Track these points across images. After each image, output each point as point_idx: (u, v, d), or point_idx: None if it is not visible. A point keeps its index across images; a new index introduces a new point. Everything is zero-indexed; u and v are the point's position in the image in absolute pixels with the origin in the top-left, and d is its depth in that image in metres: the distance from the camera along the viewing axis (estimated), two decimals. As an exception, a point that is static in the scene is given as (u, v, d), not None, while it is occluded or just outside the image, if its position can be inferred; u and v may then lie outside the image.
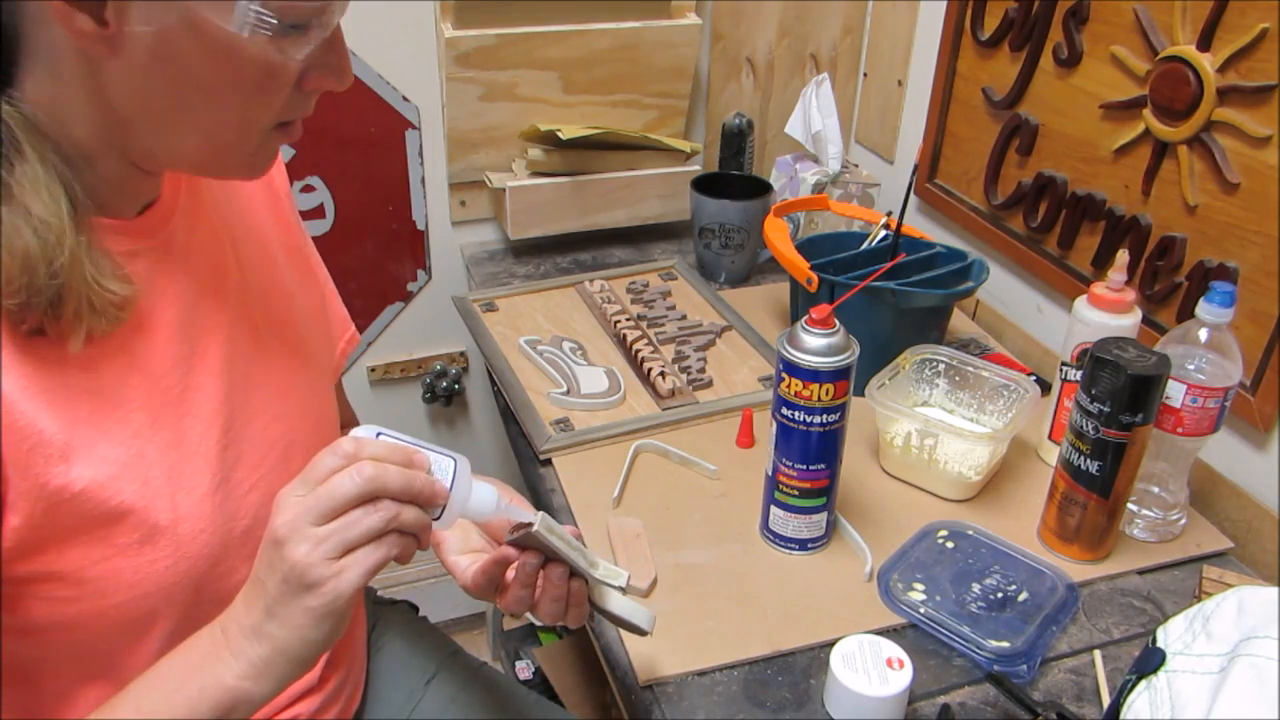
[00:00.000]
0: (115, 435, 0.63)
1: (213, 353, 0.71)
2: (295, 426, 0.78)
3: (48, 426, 0.59)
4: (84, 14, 0.54)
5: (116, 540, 0.63)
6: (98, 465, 0.62)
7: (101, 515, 0.62)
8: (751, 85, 1.60)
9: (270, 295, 0.80)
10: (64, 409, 0.61)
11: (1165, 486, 0.98)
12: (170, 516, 0.66)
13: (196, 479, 0.68)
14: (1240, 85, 0.95)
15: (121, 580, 0.64)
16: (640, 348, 1.22)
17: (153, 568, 0.65)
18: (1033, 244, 1.27)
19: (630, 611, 0.74)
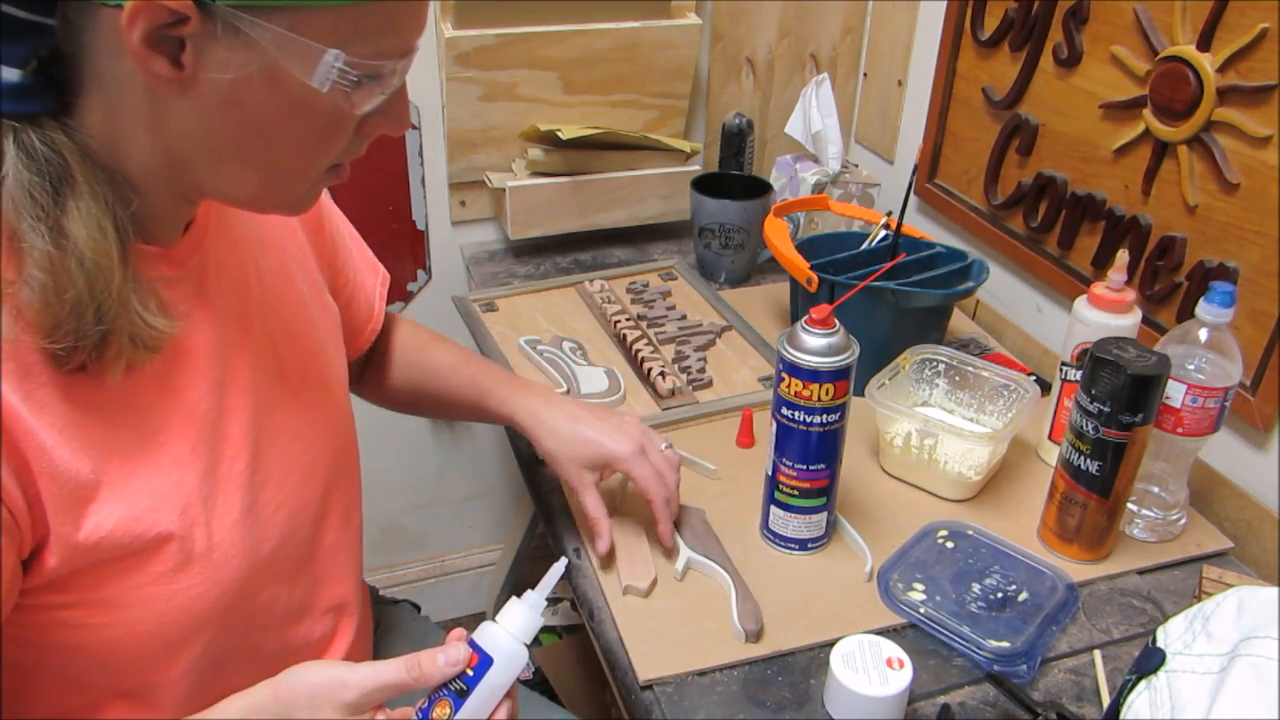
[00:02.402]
0: (154, 464, 0.63)
1: (242, 375, 0.71)
2: (315, 443, 0.78)
3: (83, 468, 0.59)
4: (161, 57, 0.53)
5: (152, 568, 0.63)
6: (133, 499, 0.62)
7: (139, 546, 0.62)
8: (751, 85, 1.60)
9: (288, 308, 0.80)
10: (101, 445, 0.60)
11: (1165, 486, 0.98)
12: (205, 543, 0.66)
13: (229, 504, 0.68)
14: (1240, 85, 0.95)
15: (154, 607, 0.64)
16: (640, 348, 1.22)
17: (186, 594, 0.65)
18: (1033, 244, 1.27)
19: None
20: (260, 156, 0.61)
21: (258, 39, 0.54)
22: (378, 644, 0.99)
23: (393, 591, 1.35)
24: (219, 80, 0.55)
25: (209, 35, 0.53)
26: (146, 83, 0.55)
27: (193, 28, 0.52)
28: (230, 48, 0.54)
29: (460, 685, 0.61)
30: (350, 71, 0.56)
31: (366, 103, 0.59)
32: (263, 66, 0.55)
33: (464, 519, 1.87)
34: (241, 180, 0.62)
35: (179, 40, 0.53)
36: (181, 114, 0.57)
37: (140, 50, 0.53)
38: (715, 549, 0.93)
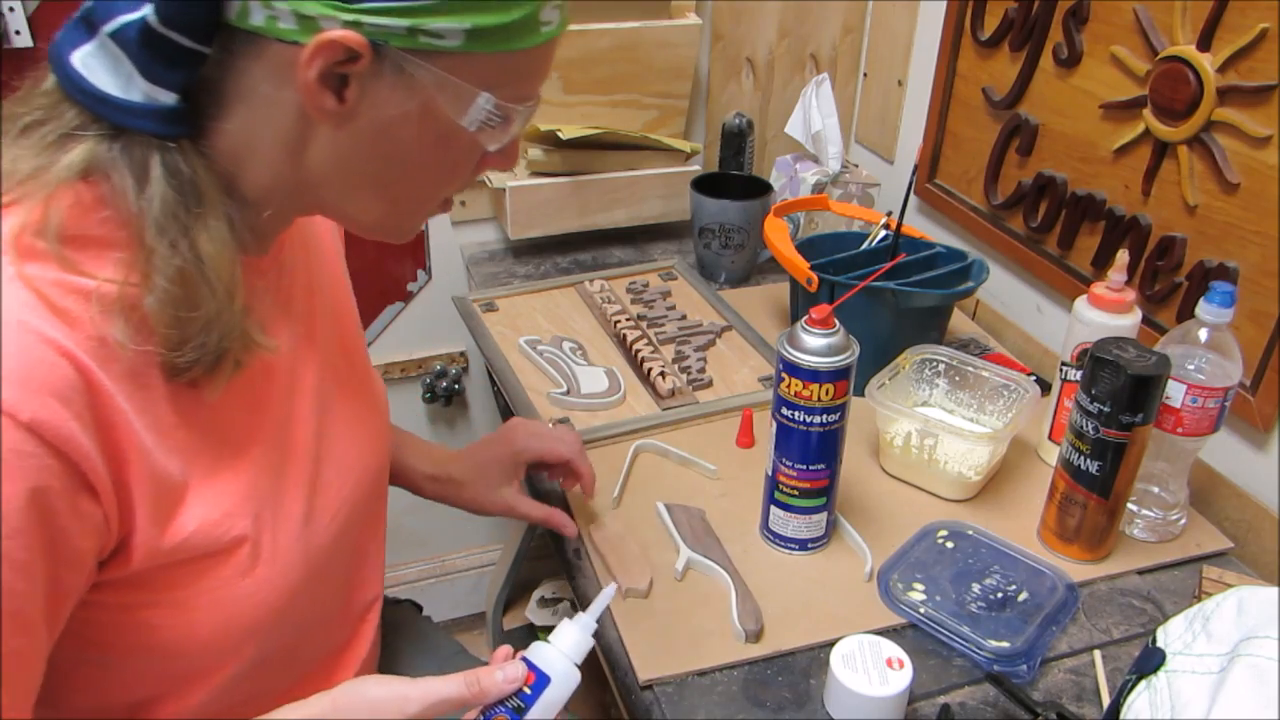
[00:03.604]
0: (234, 468, 0.64)
1: (308, 381, 0.72)
2: (365, 451, 0.78)
3: (174, 470, 0.60)
4: (329, 91, 0.56)
5: (224, 571, 0.64)
6: (214, 502, 0.62)
7: (216, 549, 0.63)
8: (751, 85, 1.60)
9: (343, 315, 0.81)
10: (189, 448, 0.61)
11: (1165, 486, 0.98)
12: (271, 548, 0.66)
13: (291, 511, 0.68)
14: (1240, 85, 0.95)
15: (220, 609, 0.64)
16: (640, 348, 1.22)
17: (250, 598, 0.65)
18: (1033, 244, 1.27)
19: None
20: (393, 186, 0.64)
21: (420, 79, 0.57)
22: (383, 641, 0.99)
23: (393, 591, 1.35)
24: (377, 116, 0.58)
25: (375, 74, 0.56)
26: (303, 113, 0.58)
27: (362, 66, 0.55)
28: (393, 86, 0.57)
29: (517, 703, 0.63)
30: (496, 113, 0.60)
31: (496, 141, 0.63)
32: (419, 105, 0.58)
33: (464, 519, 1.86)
34: (368, 207, 0.65)
35: (345, 76, 0.56)
36: (328, 142, 0.60)
37: (312, 85, 0.55)
38: (715, 549, 0.93)
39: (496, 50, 0.58)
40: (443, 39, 0.56)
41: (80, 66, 0.55)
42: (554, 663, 0.64)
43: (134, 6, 0.53)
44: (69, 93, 0.56)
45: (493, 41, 0.57)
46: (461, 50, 0.56)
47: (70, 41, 0.56)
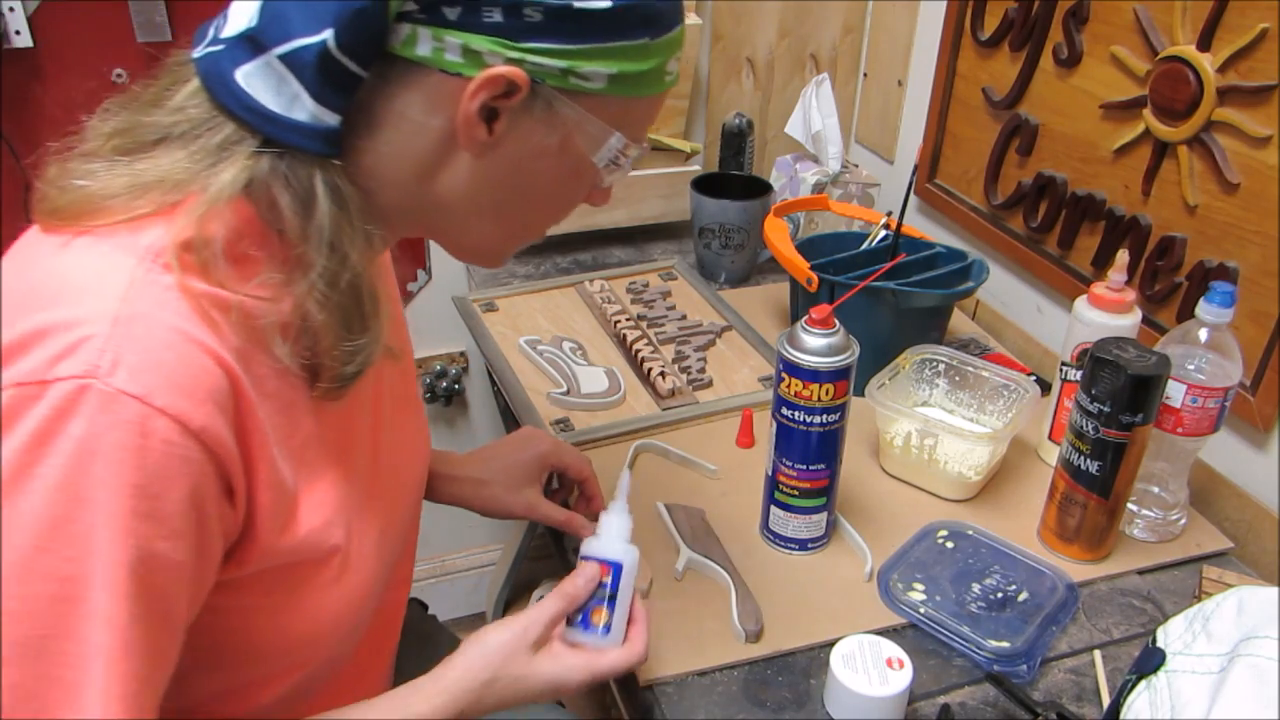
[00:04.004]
0: (330, 479, 0.65)
1: (381, 390, 0.74)
2: (416, 463, 0.81)
3: (289, 478, 0.61)
4: (483, 123, 0.59)
5: (318, 580, 0.65)
6: (318, 510, 0.63)
7: (316, 557, 0.64)
8: (751, 85, 1.60)
9: (397, 329, 0.82)
10: (299, 456, 0.62)
11: (1165, 486, 0.98)
12: (358, 558, 0.67)
13: (371, 519, 0.69)
14: (1240, 85, 0.95)
15: (309, 615, 0.65)
16: (640, 348, 1.22)
17: (336, 604, 0.67)
18: (1033, 244, 1.27)
19: None
20: (514, 215, 0.67)
21: (563, 117, 0.61)
22: None
23: (393, 591, 1.35)
24: (518, 147, 0.61)
25: (526, 109, 0.60)
26: (446, 139, 0.60)
27: (515, 100, 0.59)
28: (538, 121, 0.61)
29: (605, 593, 0.73)
30: (623, 153, 0.65)
31: (612, 178, 0.68)
32: (559, 141, 0.62)
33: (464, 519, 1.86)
34: (484, 233, 0.68)
35: (495, 109, 0.59)
36: (464, 170, 0.62)
37: (472, 116, 0.58)
38: (715, 549, 0.93)
39: (630, 95, 0.62)
40: (589, 81, 0.60)
41: (244, 83, 0.57)
42: (614, 548, 0.75)
43: (311, 31, 0.55)
44: (230, 108, 0.57)
45: (629, 86, 0.61)
46: (602, 93, 0.60)
47: (232, 59, 0.57)
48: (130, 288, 0.53)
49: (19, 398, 0.50)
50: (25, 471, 0.49)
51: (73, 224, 0.57)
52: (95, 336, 0.51)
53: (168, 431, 0.51)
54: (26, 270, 0.56)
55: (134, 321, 0.52)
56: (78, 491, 0.50)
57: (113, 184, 0.57)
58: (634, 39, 0.59)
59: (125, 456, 0.50)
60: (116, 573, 0.50)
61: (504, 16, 0.56)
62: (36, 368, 0.50)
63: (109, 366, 0.50)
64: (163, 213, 0.56)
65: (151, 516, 0.51)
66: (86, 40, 1.26)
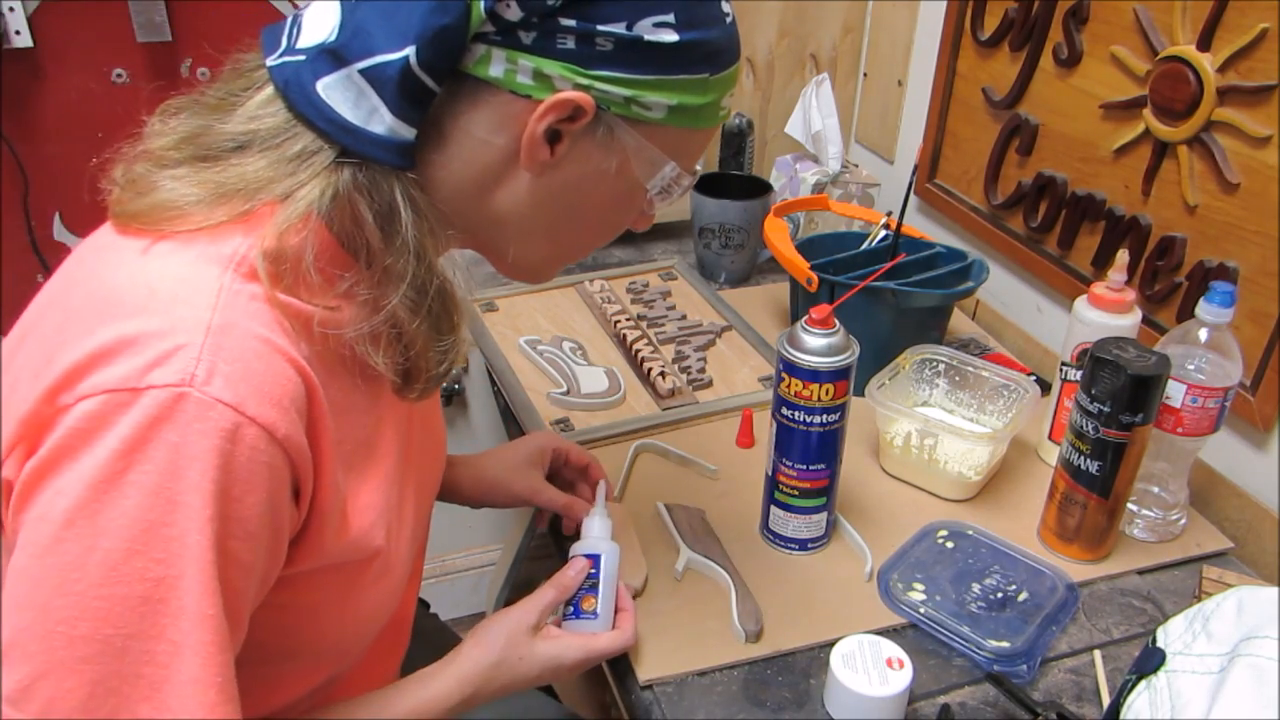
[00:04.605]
0: (374, 483, 0.65)
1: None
2: (436, 463, 0.81)
3: (341, 481, 0.62)
4: (546, 145, 0.61)
5: (360, 580, 0.66)
6: (363, 512, 0.64)
7: (360, 557, 0.65)
8: (751, 85, 1.60)
9: None
10: (347, 458, 0.63)
11: (1165, 486, 0.98)
12: (395, 559, 0.68)
13: (404, 519, 0.70)
14: (1240, 85, 0.95)
15: (347, 613, 0.67)
16: (640, 348, 1.22)
17: (372, 603, 0.68)
18: (1033, 244, 1.27)
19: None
20: (564, 235, 0.69)
21: (622, 142, 0.63)
22: None
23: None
24: (577, 170, 0.63)
25: (589, 133, 0.62)
26: (514, 160, 0.62)
27: (579, 124, 0.61)
28: (599, 145, 0.63)
29: (591, 581, 0.80)
30: (676, 182, 0.67)
31: (661, 205, 0.69)
32: (617, 165, 0.64)
33: (464, 519, 1.86)
34: (534, 250, 0.69)
35: (559, 132, 0.61)
36: (523, 188, 0.64)
37: (537, 138, 0.60)
38: (715, 549, 0.93)
39: (686, 126, 0.64)
40: (650, 110, 0.62)
41: (325, 95, 0.58)
42: (598, 545, 0.82)
43: (394, 48, 0.56)
44: (310, 118, 0.58)
45: (687, 118, 0.63)
46: (661, 123, 0.63)
47: (314, 71, 0.58)
48: (220, 296, 0.54)
49: (111, 404, 0.51)
50: (119, 477, 0.50)
51: (152, 228, 0.57)
52: (189, 345, 0.52)
53: (256, 439, 0.53)
54: (108, 274, 0.57)
55: (226, 331, 0.53)
56: (172, 496, 0.51)
57: (194, 190, 0.57)
58: (695, 73, 0.62)
59: (217, 461, 0.51)
60: (205, 573, 0.52)
61: (577, 44, 0.58)
62: (129, 374, 0.51)
63: (205, 375, 0.51)
64: (241, 220, 0.57)
65: (232, 518, 0.53)
66: (86, 40, 1.26)
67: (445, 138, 0.61)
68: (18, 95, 1.26)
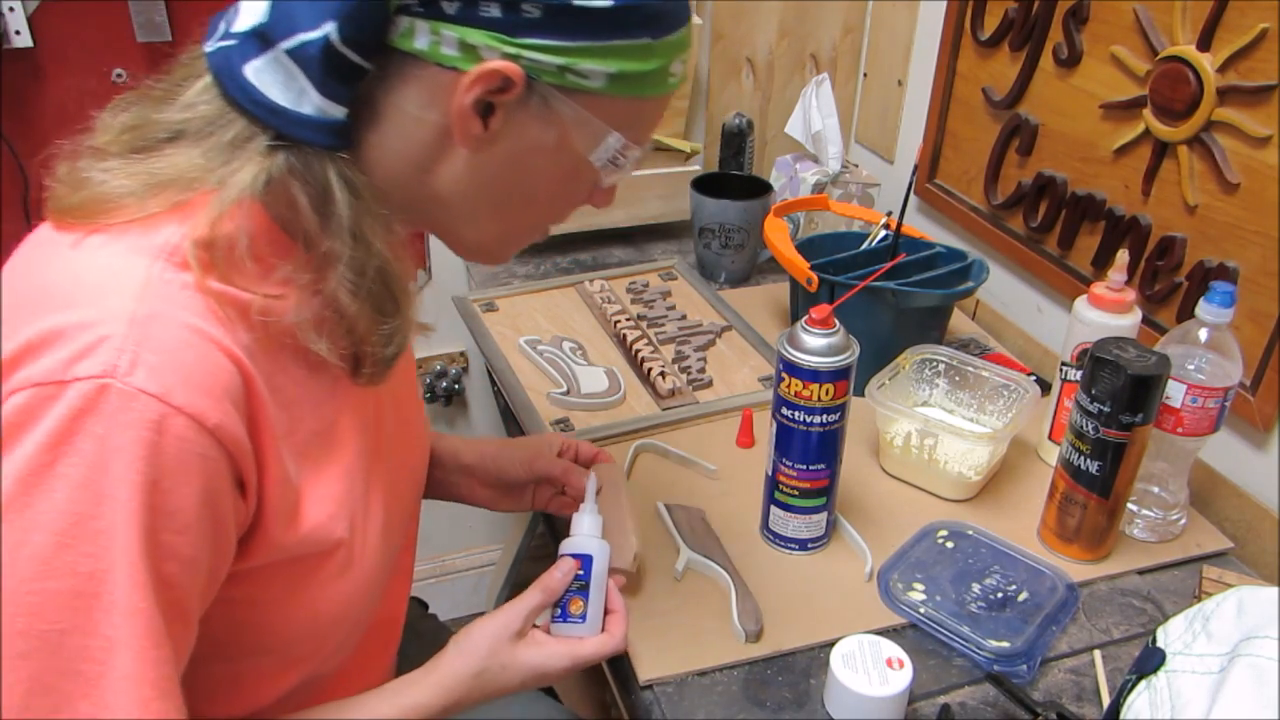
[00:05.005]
0: (333, 473, 0.65)
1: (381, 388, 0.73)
2: (415, 454, 0.80)
3: (293, 472, 0.61)
4: (477, 117, 0.59)
5: (322, 574, 0.65)
6: (321, 503, 0.63)
7: (320, 550, 0.64)
8: (751, 85, 1.60)
9: None
10: (302, 450, 0.62)
11: (1165, 486, 0.98)
12: (361, 552, 0.68)
13: (374, 510, 0.70)
14: (1240, 85, 0.95)
15: (313, 607, 0.66)
16: (640, 348, 1.22)
17: (340, 597, 0.67)
18: (1033, 244, 1.27)
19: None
20: (511, 213, 0.67)
21: (560, 114, 0.60)
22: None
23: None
24: (514, 144, 0.61)
25: (522, 105, 0.59)
26: (443, 133, 0.60)
27: (512, 96, 0.58)
28: (535, 118, 0.60)
29: (579, 583, 0.77)
30: (621, 153, 0.64)
31: (611, 179, 0.67)
32: (556, 138, 0.62)
33: (464, 519, 1.87)
34: (482, 230, 0.68)
35: (492, 104, 0.59)
36: (461, 165, 0.62)
37: (466, 110, 0.58)
38: (715, 549, 0.93)
39: (631, 95, 0.62)
40: (588, 79, 0.59)
41: (254, 79, 0.57)
42: (587, 544, 0.78)
43: (314, 26, 0.55)
44: (241, 103, 0.57)
45: (630, 86, 0.61)
46: (602, 92, 0.60)
47: (242, 55, 0.57)
48: (146, 287, 0.54)
49: (37, 398, 0.50)
50: (47, 470, 0.50)
51: (85, 222, 0.57)
52: (113, 336, 0.51)
53: (184, 429, 0.52)
54: (39, 269, 0.57)
55: (151, 321, 0.53)
56: (99, 489, 0.50)
57: (127, 182, 0.57)
58: (635, 39, 0.59)
59: (143, 453, 0.51)
60: (135, 566, 0.51)
61: (502, 11, 0.56)
62: (54, 368, 0.51)
63: (127, 366, 0.51)
64: (176, 211, 0.56)
65: (164, 511, 0.52)
66: (86, 40, 1.26)
67: (380, 116, 0.60)
68: (18, 95, 1.27)
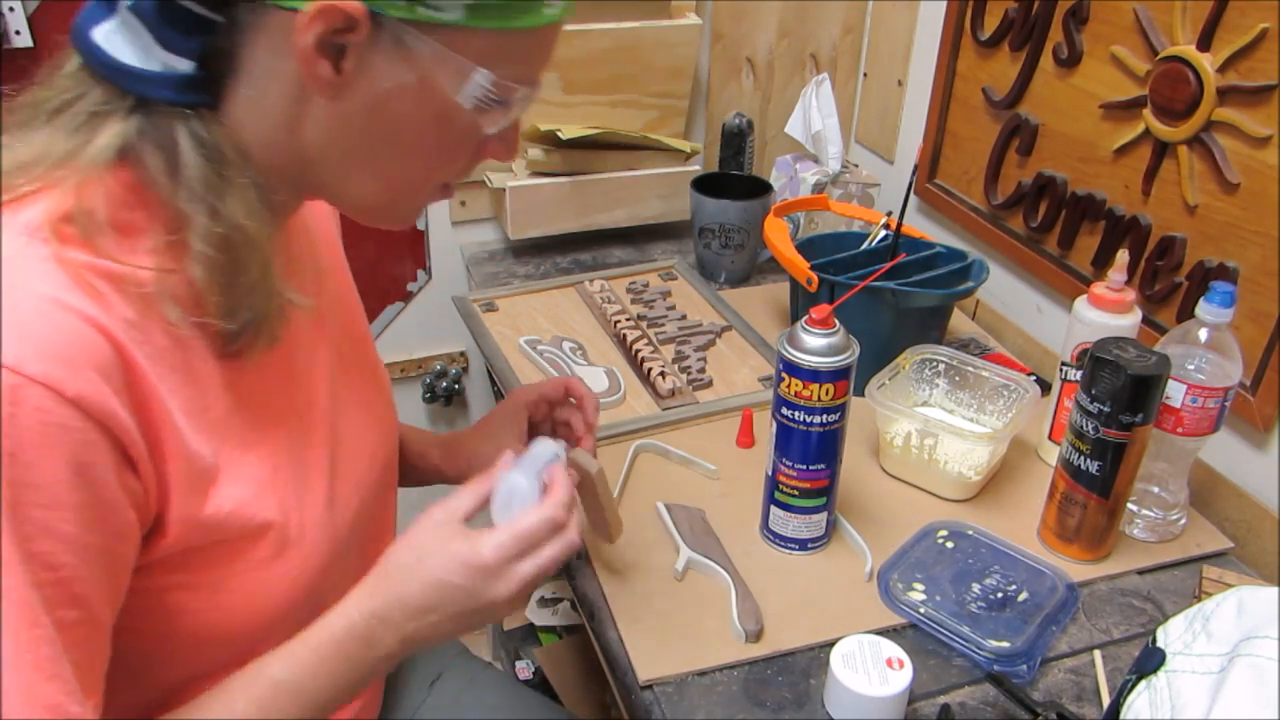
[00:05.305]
0: (258, 452, 0.64)
1: (322, 366, 0.73)
2: (375, 437, 0.79)
3: (205, 451, 0.60)
4: (325, 60, 0.56)
5: (255, 555, 0.64)
6: (245, 484, 0.63)
7: (246, 531, 0.63)
8: (751, 85, 1.60)
9: (349, 309, 0.82)
10: (220, 429, 0.62)
11: (1165, 486, 0.98)
12: (298, 531, 0.67)
13: (315, 493, 0.69)
14: (1240, 85, 0.95)
15: (253, 592, 0.65)
16: (640, 348, 1.22)
17: (280, 582, 0.66)
18: (1033, 244, 1.27)
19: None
20: (389, 165, 0.63)
21: (417, 52, 0.57)
22: None
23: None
24: (372, 88, 0.58)
25: (373, 44, 0.56)
26: (300, 83, 0.58)
27: (360, 36, 0.55)
28: (389, 58, 0.57)
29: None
30: (493, 92, 0.60)
31: (493, 125, 0.63)
32: (416, 79, 0.58)
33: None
34: (365, 186, 0.65)
35: (343, 47, 0.56)
36: (324, 116, 0.60)
37: (310, 53, 0.55)
38: (715, 549, 0.93)
39: (496, 26, 0.57)
40: (442, 11, 0.56)
41: (103, 42, 0.56)
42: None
43: None
44: (94, 69, 0.57)
45: (493, 16, 0.57)
46: (461, 24, 0.56)
47: (92, 19, 0.57)
48: (8, 263, 0.53)
49: None
50: None
51: None
52: None
53: (40, 399, 0.51)
54: None
55: (6, 294, 0.52)
56: None
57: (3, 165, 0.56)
58: None
59: None
60: None
61: None
62: None
63: None
64: (46, 189, 0.56)
65: (27, 484, 0.51)
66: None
67: (240, 71, 0.58)
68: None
